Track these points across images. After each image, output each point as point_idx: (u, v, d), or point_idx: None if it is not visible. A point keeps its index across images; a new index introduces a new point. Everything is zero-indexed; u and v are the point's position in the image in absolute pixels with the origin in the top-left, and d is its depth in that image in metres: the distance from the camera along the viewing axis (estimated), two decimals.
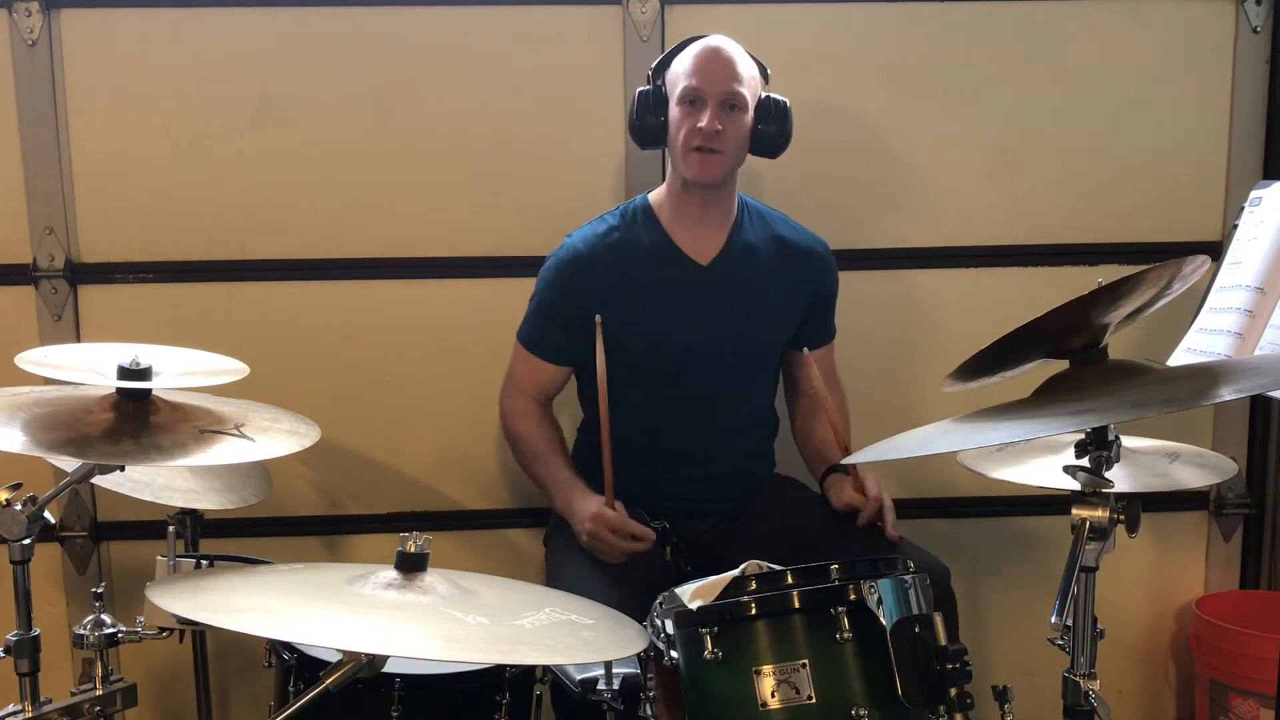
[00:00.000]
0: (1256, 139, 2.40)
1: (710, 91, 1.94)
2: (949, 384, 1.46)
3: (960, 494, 2.44)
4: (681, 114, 1.96)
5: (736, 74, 1.95)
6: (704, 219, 2.05)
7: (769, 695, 1.33)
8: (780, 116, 2.01)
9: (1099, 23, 2.37)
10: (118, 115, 2.30)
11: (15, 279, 2.31)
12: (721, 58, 1.96)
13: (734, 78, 1.95)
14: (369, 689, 1.38)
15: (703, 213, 2.04)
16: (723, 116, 1.94)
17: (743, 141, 1.98)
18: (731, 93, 1.94)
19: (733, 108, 1.95)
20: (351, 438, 2.38)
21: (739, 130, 1.96)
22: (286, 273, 2.35)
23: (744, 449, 2.12)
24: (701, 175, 1.96)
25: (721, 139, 1.94)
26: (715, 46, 1.97)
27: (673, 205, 2.05)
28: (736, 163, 2.00)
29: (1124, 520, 1.34)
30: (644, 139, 2.04)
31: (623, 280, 2.02)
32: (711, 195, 2.02)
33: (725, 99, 1.94)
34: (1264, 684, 2.18)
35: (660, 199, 2.08)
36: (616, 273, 2.02)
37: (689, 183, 1.99)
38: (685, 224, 2.05)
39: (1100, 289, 1.27)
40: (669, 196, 2.06)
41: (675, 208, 2.05)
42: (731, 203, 2.07)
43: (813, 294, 2.12)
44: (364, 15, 2.30)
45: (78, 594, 2.38)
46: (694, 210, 2.04)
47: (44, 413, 1.46)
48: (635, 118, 2.02)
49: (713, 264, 2.05)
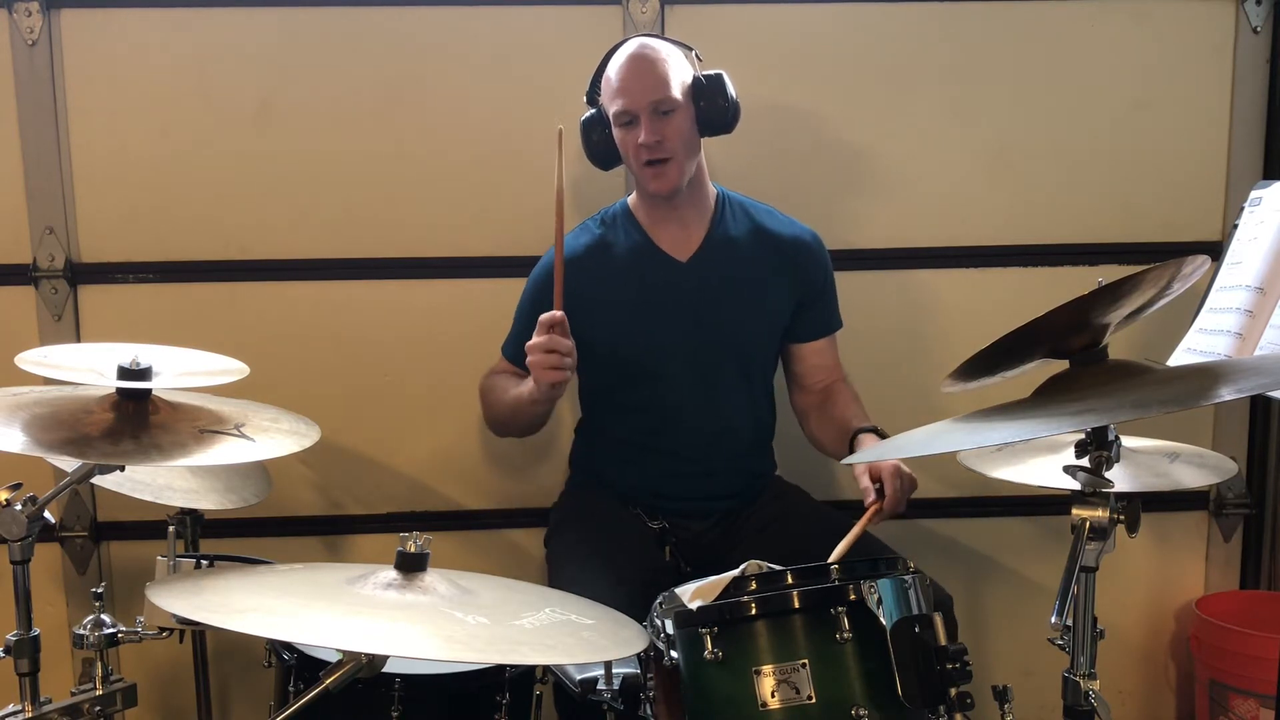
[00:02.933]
0: (1256, 139, 2.40)
1: (638, 105, 1.93)
2: (949, 384, 1.46)
3: (960, 494, 2.44)
4: (621, 134, 1.97)
5: (657, 78, 1.94)
6: (679, 218, 2.06)
7: (769, 695, 1.33)
8: (719, 91, 1.99)
9: (1099, 23, 2.37)
10: (118, 115, 2.30)
11: (15, 279, 2.31)
12: (641, 66, 1.94)
13: (655, 85, 1.93)
14: (369, 689, 1.38)
15: (676, 213, 2.05)
16: (658, 124, 1.93)
17: (688, 137, 1.97)
18: (657, 100, 1.93)
19: (665, 112, 1.94)
20: (351, 438, 2.38)
21: (679, 129, 1.95)
22: (286, 273, 2.35)
23: (739, 447, 2.11)
24: (661, 187, 1.97)
25: (665, 146, 1.94)
26: (631, 56, 1.96)
27: (647, 206, 2.07)
28: (691, 158, 2.00)
29: (1124, 520, 1.34)
30: (602, 162, 2.06)
31: (604, 283, 2.03)
32: (680, 196, 2.02)
33: (654, 107, 1.93)
34: (1264, 684, 2.18)
35: (636, 201, 2.10)
36: (597, 276, 2.03)
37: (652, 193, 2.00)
38: (663, 223, 2.06)
39: (1100, 289, 1.27)
40: (641, 202, 2.08)
41: (649, 208, 2.07)
42: (706, 198, 2.07)
43: (802, 285, 2.09)
44: (364, 15, 2.30)
45: (78, 594, 2.38)
46: (667, 212, 2.05)
47: (44, 413, 1.46)
48: (585, 146, 2.05)
49: (691, 260, 2.05)
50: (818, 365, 2.14)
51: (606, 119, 2.00)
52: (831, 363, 2.16)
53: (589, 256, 2.05)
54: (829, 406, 2.12)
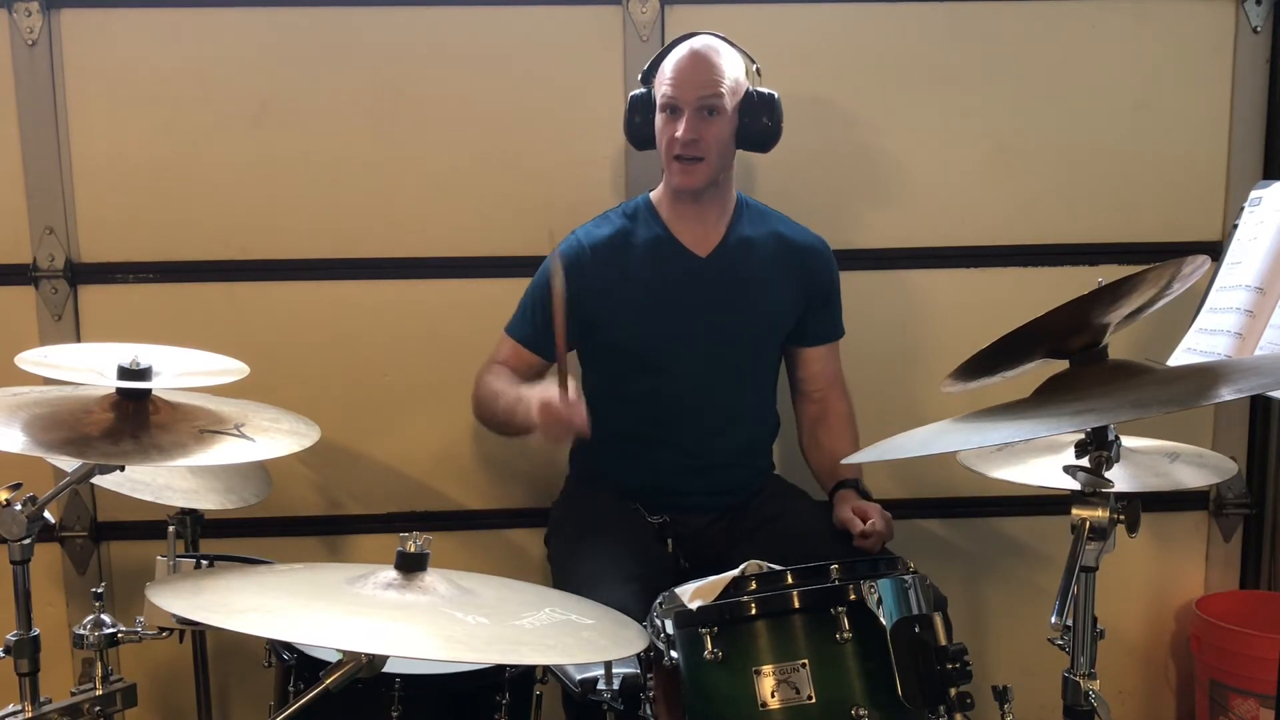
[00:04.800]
0: (1256, 139, 2.40)
1: (685, 99, 1.94)
2: (949, 384, 1.46)
3: (960, 494, 2.44)
4: (662, 121, 1.98)
5: (713, 78, 1.94)
6: (701, 215, 2.07)
7: (769, 695, 1.33)
8: (767, 110, 2.01)
9: (1099, 23, 2.37)
10: (118, 115, 2.30)
11: (15, 279, 2.31)
12: (699, 62, 1.95)
13: (709, 83, 1.94)
14: (369, 689, 1.38)
15: (699, 209, 2.06)
16: (699, 123, 1.94)
17: (724, 143, 1.99)
18: (706, 97, 1.94)
19: (711, 112, 1.94)
20: (351, 438, 2.38)
21: (718, 134, 1.96)
22: (286, 273, 2.35)
23: (740, 444, 2.13)
24: (684, 183, 1.98)
25: (700, 146, 1.95)
26: (694, 50, 1.97)
27: (669, 201, 2.08)
28: (722, 164, 2.01)
29: (1124, 520, 1.34)
30: (638, 142, 2.07)
31: (622, 273, 2.04)
32: (704, 194, 2.03)
33: (701, 104, 1.94)
34: (1264, 684, 2.18)
35: (659, 196, 2.11)
36: (617, 267, 2.04)
37: (676, 188, 2.01)
38: (684, 219, 2.07)
39: (1100, 289, 1.27)
40: (665, 195, 2.09)
41: (672, 204, 2.08)
42: (728, 198, 2.09)
43: (810, 290, 2.12)
44: (363, 15, 2.30)
45: (78, 594, 2.38)
46: (690, 207, 2.06)
47: (44, 413, 1.46)
48: (627, 121, 2.05)
49: (710, 255, 2.07)
50: (818, 372, 2.17)
51: (653, 102, 2.00)
52: (832, 370, 2.19)
53: (609, 247, 2.06)
54: (821, 431, 2.17)
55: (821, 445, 2.16)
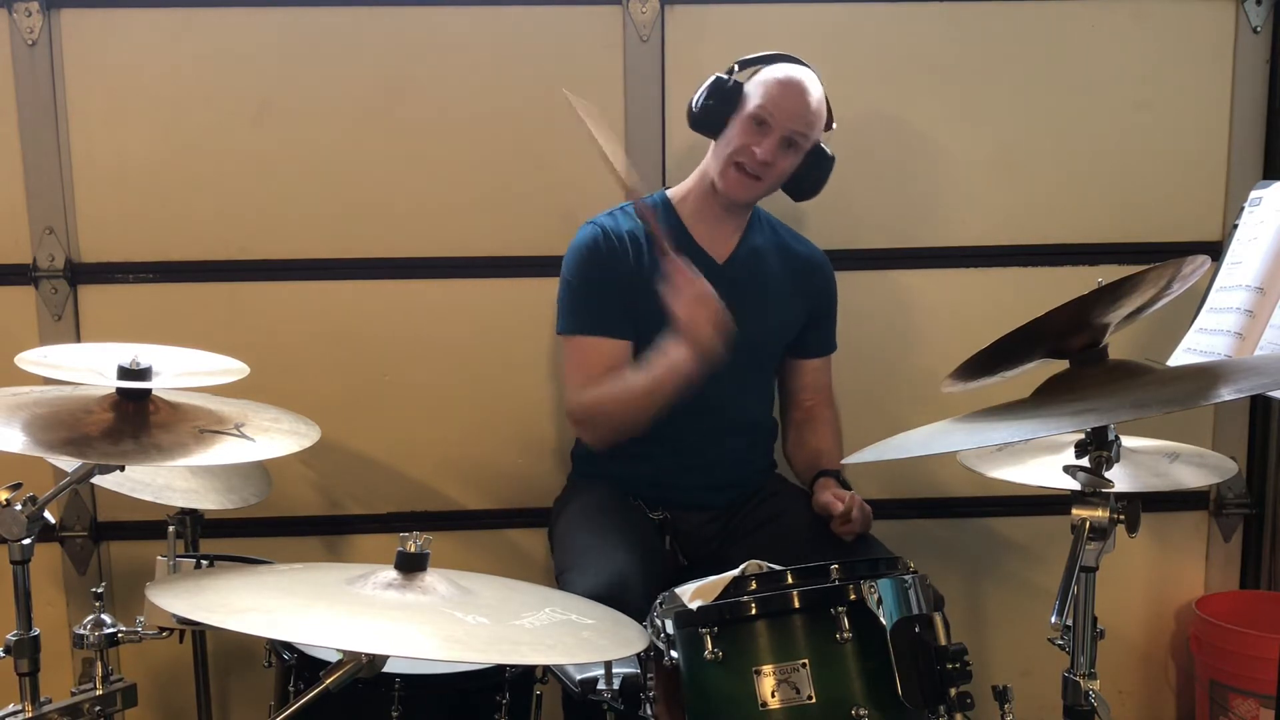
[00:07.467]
0: (1256, 139, 2.40)
1: (780, 123, 1.97)
2: (949, 384, 1.46)
3: (960, 494, 2.44)
4: (744, 129, 1.98)
5: (810, 119, 2.00)
6: (722, 221, 2.09)
7: (769, 695, 1.33)
8: (821, 166, 2.06)
9: (1099, 23, 2.37)
10: (118, 115, 2.30)
11: (15, 279, 2.31)
12: (805, 97, 1.99)
13: (808, 121, 1.99)
14: (369, 689, 1.39)
15: (724, 215, 2.08)
16: (778, 151, 1.98)
17: (784, 178, 2.03)
18: (798, 132, 1.98)
19: (791, 145, 1.99)
20: (351, 438, 2.38)
21: (786, 168, 2.01)
22: (286, 273, 2.35)
23: (742, 444, 2.14)
24: (737, 194, 2.01)
25: (769, 170, 1.98)
26: (805, 84, 1.99)
27: (697, 200, 2.09)
28: (769, 192, 2.06)
29: (1124, 520, 1.34)
30: (701, 124, 2.04)
31: (638, 267, 2.03)
32: (737, 204, 2.06)
33: (790, 134, 1.97)
34: (1264, 684, 2.18)
35: (682, 194, 2.11)
36: (633, 259, 2.04)
37: (719, 190, 2.02)
38: (704, 221, 2.08)
39: (1100, 289, 1.27)
40: (695, 191, 2.09)
41: (699, 203, 2.08)
42: (748, 211, 2.12)
43: (813, 304, 2.17)
44: (364, 15, 2.30)
45: (78, 594, 2.38)
46: (716, 211, 2.08)
47: (44, 413, 1.45)
48: (704, 100, 2.02)
49: (727, 262, 2.08)
50: (810, 384, 2.19)
51: (736, 98, 2.00)
52: (824, 382, 2.21)
53: (628, 238, 2.05)
54: (807, 432, 2.19)
55: (807, 444, 2.17)
